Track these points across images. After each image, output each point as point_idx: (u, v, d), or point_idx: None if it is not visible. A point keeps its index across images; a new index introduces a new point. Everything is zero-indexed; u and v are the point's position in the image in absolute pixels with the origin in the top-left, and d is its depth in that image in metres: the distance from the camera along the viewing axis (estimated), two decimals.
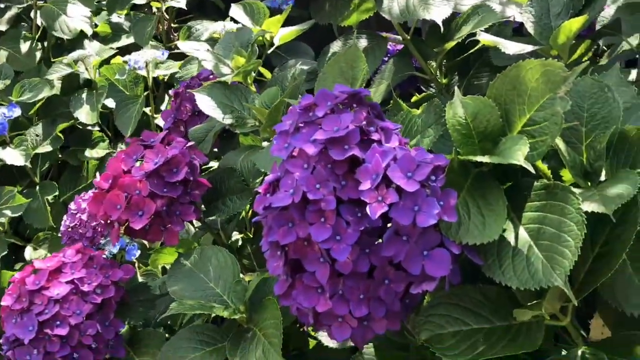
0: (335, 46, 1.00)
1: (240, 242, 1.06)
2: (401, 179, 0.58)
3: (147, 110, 1.40)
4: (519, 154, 0.60)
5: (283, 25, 1.21)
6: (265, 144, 0.98)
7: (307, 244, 0.62)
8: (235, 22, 1.26)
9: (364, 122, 0.64)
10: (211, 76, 1.14)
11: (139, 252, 1.18)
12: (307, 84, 1.01)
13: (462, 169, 0.64)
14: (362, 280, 0.61)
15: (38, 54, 1.55)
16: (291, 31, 1.21)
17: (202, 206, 0.96)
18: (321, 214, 0.61)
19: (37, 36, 1.57)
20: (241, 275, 0.84)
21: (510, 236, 0.62)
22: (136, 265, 1.28)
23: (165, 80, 1.55)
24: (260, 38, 1.30)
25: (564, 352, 0.66)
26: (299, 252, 0.62)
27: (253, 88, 0.99)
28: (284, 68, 1.04)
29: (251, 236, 1.06)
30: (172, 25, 1.71)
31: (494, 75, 1.04)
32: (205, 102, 0.94)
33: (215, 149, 1.14)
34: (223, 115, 0.93)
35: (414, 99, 1.23)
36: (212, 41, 1.51)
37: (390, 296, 0.61)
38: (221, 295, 0.83)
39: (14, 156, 1.33)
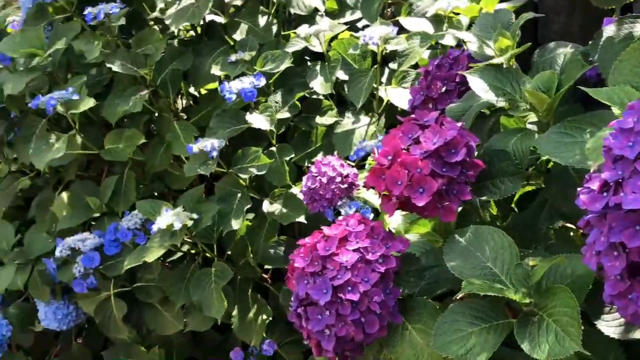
0: (609, 30, 0.88)
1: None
2: None
3: None
4: None
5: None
6: (529, 126, 0.88)
7: None
8: None
9: None
10: (461, 55, 1.06)
11: (372, 215, 1.14)
12: None
13: None
14: None
15: (274, 28, 1.53)
16: (507, 7, 1.11)
17: None
18: None
19: (272, 11, 1.54)
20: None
21: None
22: None
23: (384, 53, 1.49)
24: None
25: None
26: None
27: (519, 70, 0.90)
28: (544, 52, 0.94)
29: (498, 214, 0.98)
30: (387, 1, 1.64)
31: None
32: (477, 84, 0.86)
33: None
34: (496, 98, 0.85)
35: None
36: (433, 17, 1.43)
37: None
38: (499, 276, 0.77)
39: (260, 120, 1.33)
